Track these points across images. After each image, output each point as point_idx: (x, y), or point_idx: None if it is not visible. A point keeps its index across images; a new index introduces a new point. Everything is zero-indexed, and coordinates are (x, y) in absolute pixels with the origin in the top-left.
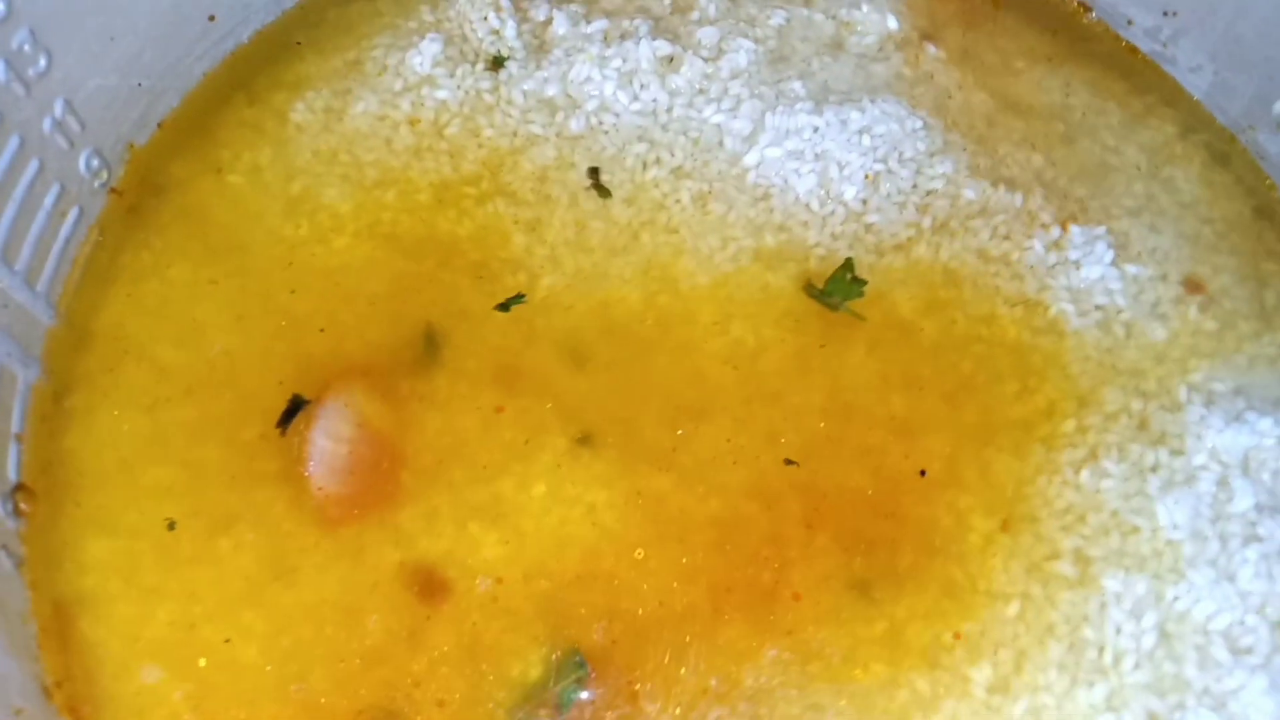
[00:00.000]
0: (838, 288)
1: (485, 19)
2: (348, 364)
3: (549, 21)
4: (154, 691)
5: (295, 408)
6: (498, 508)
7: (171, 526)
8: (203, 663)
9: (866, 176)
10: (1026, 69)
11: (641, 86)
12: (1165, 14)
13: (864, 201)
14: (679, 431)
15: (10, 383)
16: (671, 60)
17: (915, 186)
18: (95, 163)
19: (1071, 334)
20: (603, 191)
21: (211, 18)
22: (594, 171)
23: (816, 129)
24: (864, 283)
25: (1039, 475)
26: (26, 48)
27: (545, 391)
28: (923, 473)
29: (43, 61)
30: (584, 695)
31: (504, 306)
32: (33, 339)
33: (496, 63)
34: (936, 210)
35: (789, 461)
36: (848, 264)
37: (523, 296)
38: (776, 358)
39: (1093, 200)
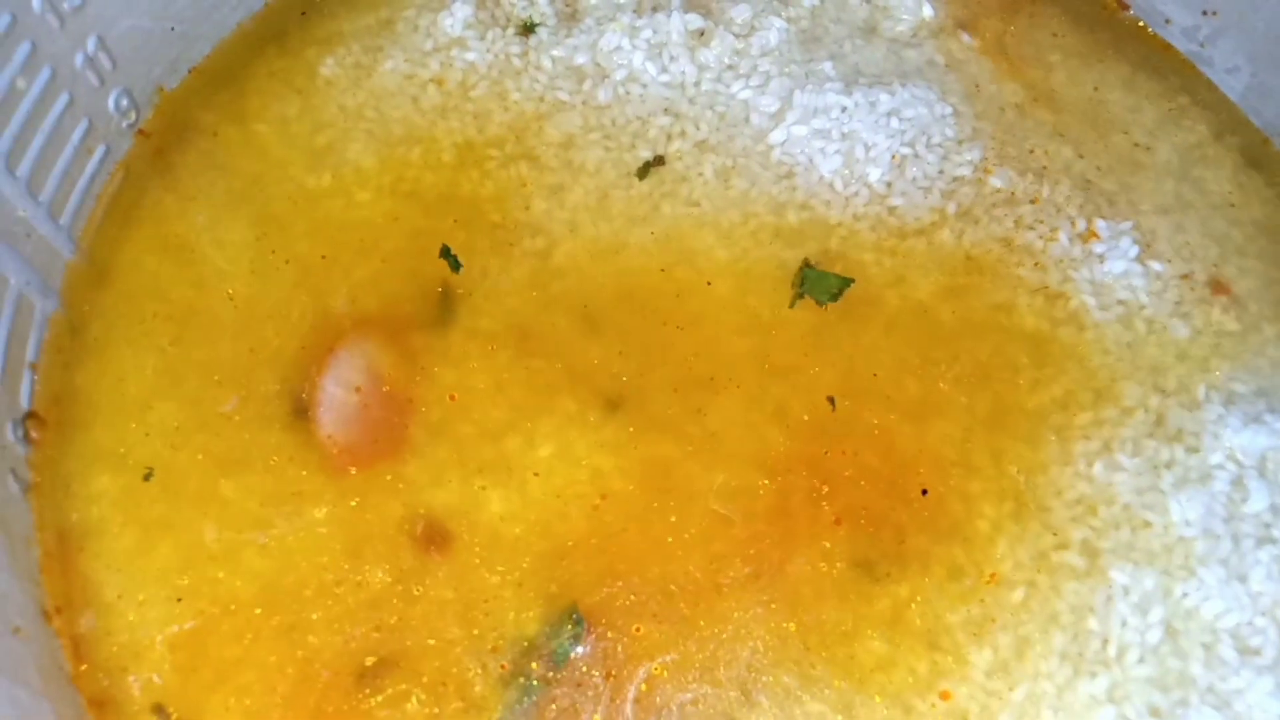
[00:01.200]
0: (819, 285)
1: None
2: (363, 316)
3: None
4: (150, 625)
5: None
6: (504, 465)
7: (148, 477)
8: (200, 600)
9: (893, 158)
10: (1060, 63)
11: (671, 59)
12: (1204, 13)
13: (888, 184)
14: (690, 401)
15: (28, 312)
16: (702, 34)
17: (941, 172)
18: (124, 103)
19: (1092, 327)
20: (643, 173)
21: None
22: (659, 159)
23: (845, 109)
24: (837, 299)
25: (1051, 465)
26: None
27: (558, 354)
28: (924, 492)
29: None
30: (578, 651)
31: (444, 251)
32: (53, 271)
33: (527, 28)
34: (961, 197)
35: (830, 399)
36: (847, 282)
37: (460, 265)
38: (791, 334)
39: (1121, 196)
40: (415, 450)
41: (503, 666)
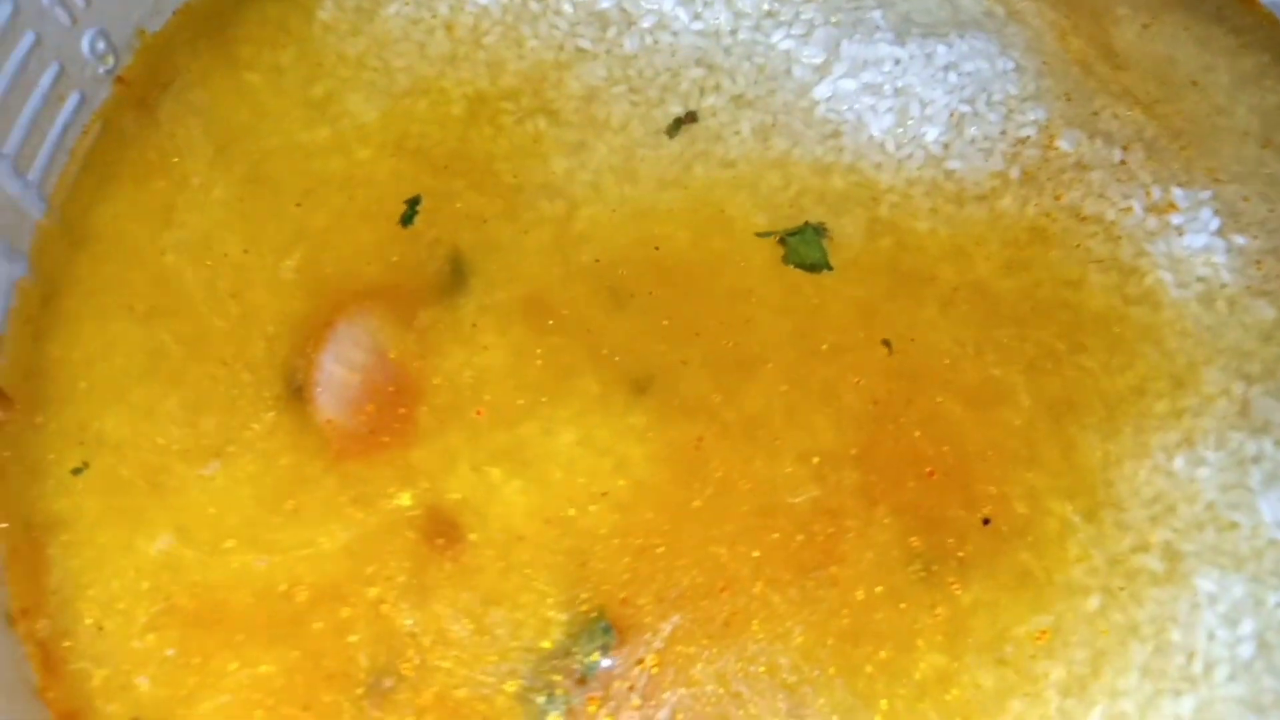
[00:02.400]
0: (802, 248)
1: None
2: (364, 286)
3: None
4: (129, 630)
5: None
6: (521, 454)
7: (78, 471)
8: (185, 603)
9: (951, 116)
10: (1129, 16)
11: (705, 4)
12: None
13: (945, 145)
14: (725, 384)
15: None
16: None
17: (1004, 133)
18: (100, 46)
19: (1169, 306)
20: (673, 130)
21: None
22: (691, 115)
23: (898, 61)
24: (805, 270)
25: (1127, 459)
26: None
27: (580, 331)
28: (986, 521)
29: None
30: (606, 663)
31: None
32: (20, 232)
33: None
34: (1026, 160)
35: (885, 343)
36: (826, 267)
37: (417, 201)
38: (837, 310)
39: (1197, 163)
40: (423, 436)
41: (523, 682)
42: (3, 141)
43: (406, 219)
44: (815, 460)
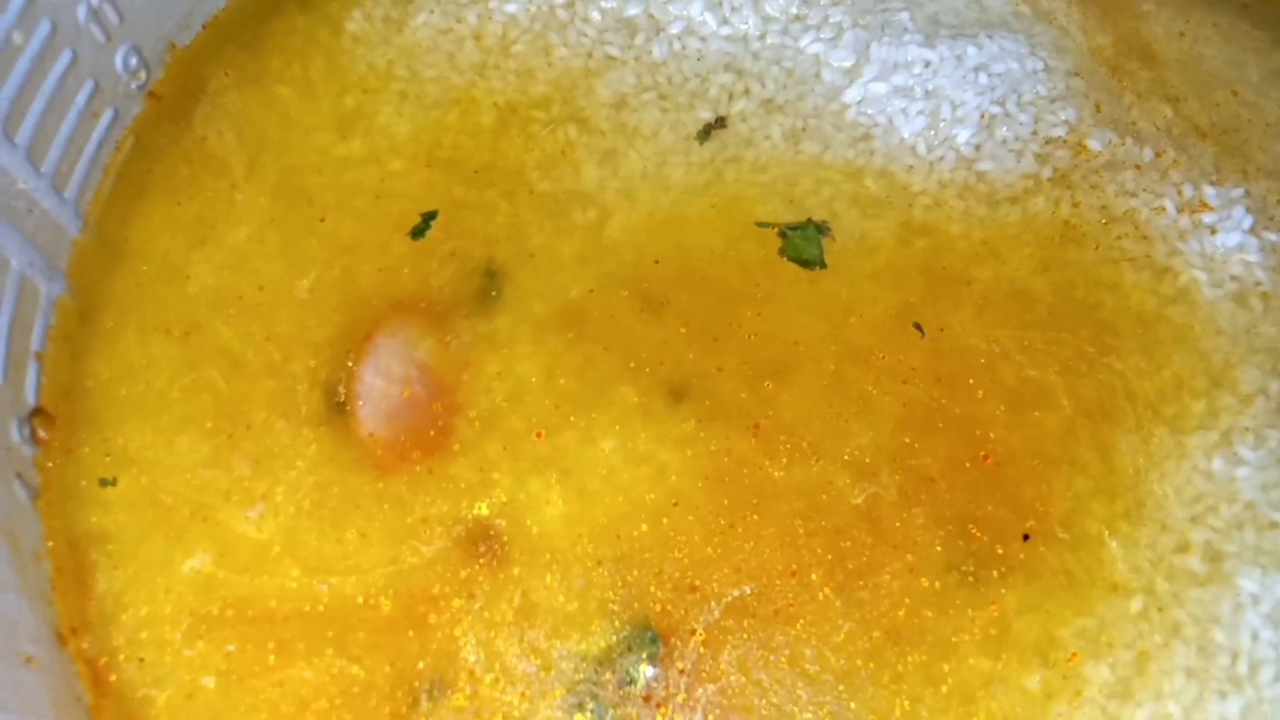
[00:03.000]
0: (800, 245)
1: None
2: (400, 298)
3: None
4: (177, 646)
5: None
6: (560, 463)
7: (104, 484)
8: (232, 618)
9: (982, 118)
10: (1155, 12)
11: (732, 9)
12: None
13: (977, 147)
14: (762, 390)
15: (32, 295)
16: None
17: (1035, 133)
18: (133, 61)
19: (1204, 305)
20: (704, 136)
21: None
22: (721, 121)
23: (929, 64)
24: (799, 264)
25: (1166, 459)
26: None
27: (615, 339)
28: (1026, 537)
29: None
30: (651, 672)
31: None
32: (58, 250)
33: None
34: (1057, 160)
35: (917, 326)
36: (821, 265)
37: (433, 216)
38: (872, 314)
39: (1228, 160)
40: (463, 447)
41: (569, 690)
42: (41, 160)
43: (418, 232)
44: (854, 466)
